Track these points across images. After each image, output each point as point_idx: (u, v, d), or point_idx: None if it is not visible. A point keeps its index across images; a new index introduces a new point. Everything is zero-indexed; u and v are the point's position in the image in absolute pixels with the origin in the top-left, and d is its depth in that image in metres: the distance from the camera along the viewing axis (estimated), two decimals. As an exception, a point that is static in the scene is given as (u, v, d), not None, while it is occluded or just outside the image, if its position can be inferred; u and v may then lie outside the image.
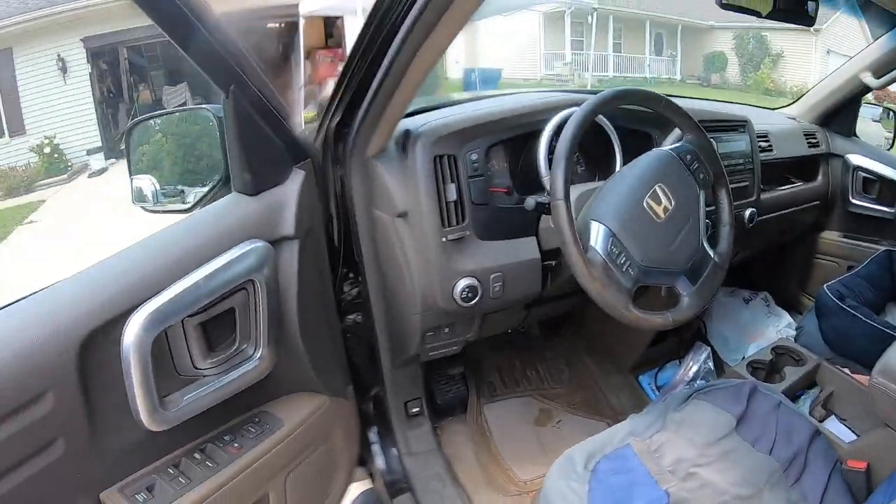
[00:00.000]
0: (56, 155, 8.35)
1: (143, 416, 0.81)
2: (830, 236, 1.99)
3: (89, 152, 8.70)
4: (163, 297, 0.81)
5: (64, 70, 7.55)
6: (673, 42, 13.67)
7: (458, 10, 0.75)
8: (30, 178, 8.05)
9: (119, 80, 9.50)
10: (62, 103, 7.74)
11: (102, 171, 8.30)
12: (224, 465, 0.92)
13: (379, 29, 0.85)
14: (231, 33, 0.84)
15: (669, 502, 0.90)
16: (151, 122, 1.35)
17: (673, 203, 0.98)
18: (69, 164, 8.58)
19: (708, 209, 1.07)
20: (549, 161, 1.06)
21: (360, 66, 0.93)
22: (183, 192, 1.25)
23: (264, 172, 0.97)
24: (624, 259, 0.91)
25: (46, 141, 8.20)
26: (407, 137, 1.04)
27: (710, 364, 1.74)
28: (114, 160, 7.92)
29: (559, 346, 1.86)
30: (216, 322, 0.90)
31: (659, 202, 0.97)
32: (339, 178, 1.12)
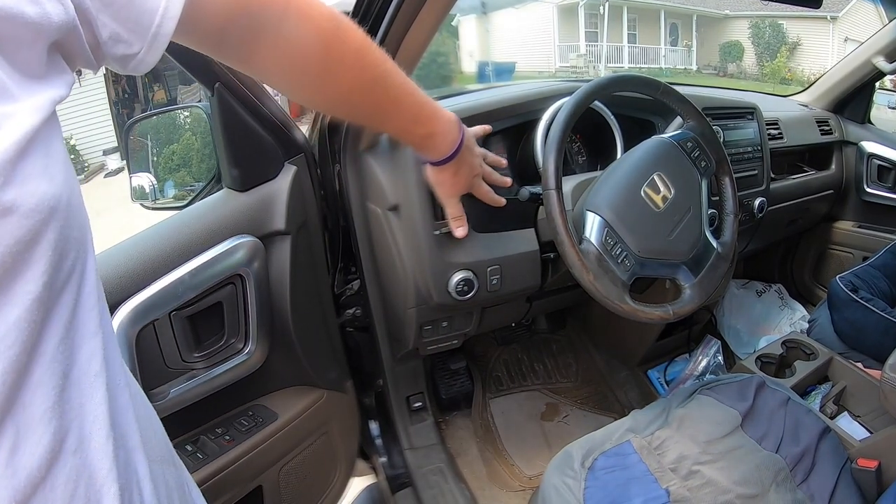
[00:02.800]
0: (72, 156, 8.49)
1: None
2: (845, 226, 1.94)
3: (105, 152, 8.84)
4: (148, 292, 0.81)
5: (79, 72, 7.65)
6: (688, 32, 13.50)
7: (435, 5, 0.75)
8: (47, 179, 8.21)
9: (134, 81, 9.63)
10: (78, 104, 7.86)
11: (119, 170, 8.41)
12: (214, 457, 0.93)
13: (362, 23, 0.85)
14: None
15: (669, 501, 0.88)
16: (150, 120, 1.36)
17: (672, 192, 0.95)
18: (86, 164, 8.74)
19: (713, 198, 1.04)
20: None
21: None
22: (184, 188, 1.25)
23: (254, 168, 0.96)
24: (620, 250, 0.88)
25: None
26: None
27: (720, 358, 1.70)
28: (131, 160, 8.02)
29: (567, 339, 1.84)
30: (204, 316, 0.90)
31: (657, 191, 0.93)
32: (336, 172, 1.11)
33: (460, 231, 0.91)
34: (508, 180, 0.94)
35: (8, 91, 0.32)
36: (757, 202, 1.44)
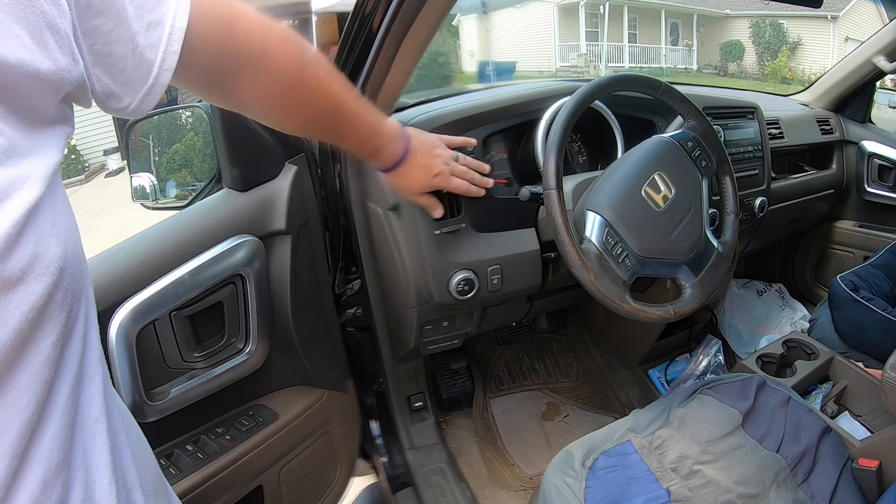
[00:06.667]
0: (73, 156, 8.50)
1: (129, 407, 0.80)
2: (845, 226, 1.94)
3: (106, 152, 8.85)
4: (148, 292, 0.81)
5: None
6: (689, 31, 13.51)
7: (435, 5, 0.76)
8: (48, 179, 8.22)
9: (134, 81, 9.58)
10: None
11: (120, 170, 8.42)
12: (215, 457, 0.93)
13: (363, 24, 0.85)
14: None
15: (670, 501, 0.88)
16: (150, 119, 1.36)
17: (673, 191, 0.95)
18: (86, 164, 8.75)
19: (714, 198, 1.04)
20: None
21: (348, 61, 0.93)
22: (184, 188, 1.25)
23: (254, 168, 0.96)
24: (620, 249, 0.88)
25: (63, 142, 8.33)
26: None
27: (721, 357, 1.70)
28: (131, 160, 8.04)
29: (567, 339, 1.84)
30: (205, 316, 0.90)
31: (658, 190, 0.93)
32: (336, 172, 1.11)
33: (437, 212, 0.97)
34: (490, 181, 0.98)
35: (18, 149, 0.31)
36: (758, 202, 1.43)
